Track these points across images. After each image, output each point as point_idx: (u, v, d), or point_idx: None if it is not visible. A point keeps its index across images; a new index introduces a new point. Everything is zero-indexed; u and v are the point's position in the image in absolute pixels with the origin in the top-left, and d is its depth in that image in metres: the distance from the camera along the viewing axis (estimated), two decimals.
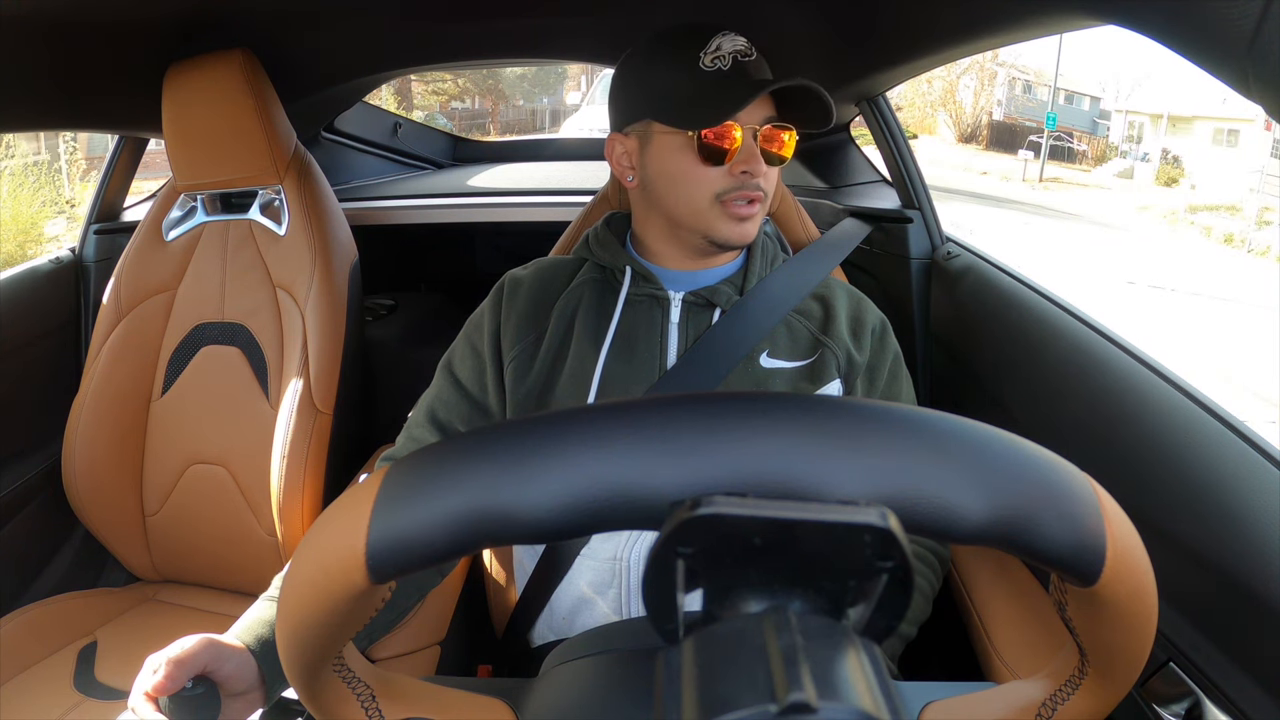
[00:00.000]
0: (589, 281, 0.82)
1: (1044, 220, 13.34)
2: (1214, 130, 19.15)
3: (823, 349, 0.79)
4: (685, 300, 0.79)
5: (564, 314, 0.80)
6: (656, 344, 0.78)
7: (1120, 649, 0.33)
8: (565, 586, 0.76)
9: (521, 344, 0.79)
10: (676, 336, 0.78)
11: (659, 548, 0.24)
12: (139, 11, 1.01)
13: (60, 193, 6.22)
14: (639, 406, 0.28)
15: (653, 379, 0.76)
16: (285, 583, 0.31)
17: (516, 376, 0.78)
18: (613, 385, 0.75)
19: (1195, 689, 0.58)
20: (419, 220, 1.53)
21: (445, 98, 12.22)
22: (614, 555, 0.74)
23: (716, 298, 0.78)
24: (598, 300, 0.80)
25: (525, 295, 0.81)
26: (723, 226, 0.75)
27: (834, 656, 0.23)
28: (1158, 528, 0.62)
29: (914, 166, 1.27)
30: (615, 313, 0.78)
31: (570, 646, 0.46)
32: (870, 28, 1.01)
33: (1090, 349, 0.83)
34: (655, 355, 0.77)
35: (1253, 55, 0.40)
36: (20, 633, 1.08)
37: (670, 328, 0.78)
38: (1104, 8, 0.55)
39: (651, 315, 0.79)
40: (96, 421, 1.18)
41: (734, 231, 0.75)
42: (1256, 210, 12.14)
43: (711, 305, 0.78)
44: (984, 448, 0.28)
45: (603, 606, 0.74)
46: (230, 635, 0.60)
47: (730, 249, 0.79)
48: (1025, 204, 15.41)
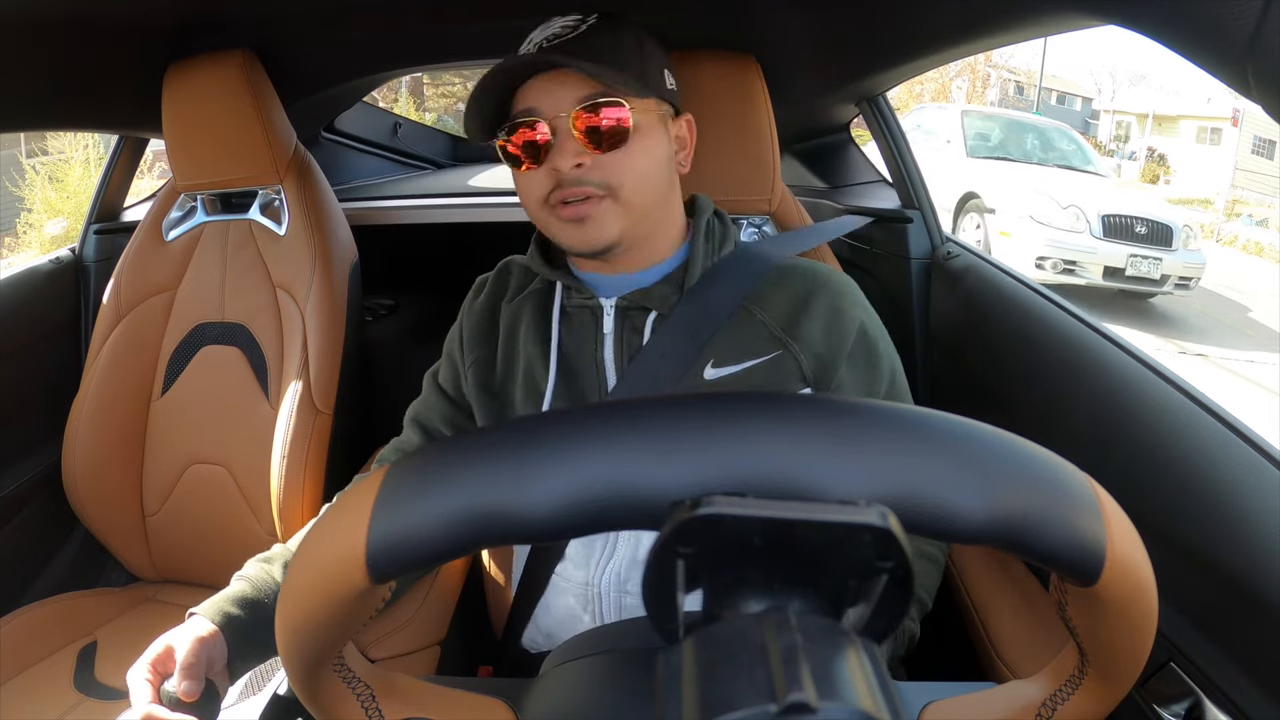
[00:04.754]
0: (531, 294, 0.76)
1: None
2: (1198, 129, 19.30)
3: (782, 350, 0.69)
4: (619, 307, 0.71)
5: (509, 325, 0.76)
6: (592, 361, 0.71)
7: (1120, 649, 0.33)
8: (548, 603, 0.74)
9: (477, 350, 0.77)
10: (611, 350, 0.71)
11: (659, 547, 0.24)
12: (139, 11, 1.01)
13: None
14: (639, 406, 0.28)
15: (595, 399, 0.71)
16: (285, 583, 0.31)
17: (477, 382, 0.76)
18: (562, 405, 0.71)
19: (1195, 689, 0.58)
20: (419, 220, 1.53)
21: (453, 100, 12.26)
22: (585, 580, 0.71)
23: (650, 301, 0.70)
24: (538, 314, 0.75)
25: (482, 302, 0.79)
26: (560, 232, 0.67)
27: (834, 656, 0.23)
28: (1158, 528, 0.62)
29: (914, 166, 1.27)
30: (553, 329, 0.72)
31: (570, 646, 0.46)
32: (870, 28, 1.01)
33: (1090, 349, 0.83)
34: (593, 375, 0.71)
35: (1253, 55, 0.40)
36: (20, 633, 1.08)
37: (604, 339, 0.71)
38: (1104, 8, 0.55)
39: (584, 329, 0.72)
40: (96, 421, 1.18)
41: (572, 236, 0.66)
42: (1226, 203, 12.47)
43: (645, 309, 0.71)
44: (984, 448, 0.28)
45: (584, 625, 0.72)
46: (204, 618, 0.62)
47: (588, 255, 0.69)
48: None
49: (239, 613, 0.63)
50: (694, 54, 0.99)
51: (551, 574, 0.73)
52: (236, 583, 0.67)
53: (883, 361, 0.73)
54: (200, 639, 0.59)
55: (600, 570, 0.71)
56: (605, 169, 0.65)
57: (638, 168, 0.66)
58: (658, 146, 0.68)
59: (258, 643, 0.63)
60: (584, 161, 0.64)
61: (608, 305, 0.72)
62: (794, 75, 1.15)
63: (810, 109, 1.37)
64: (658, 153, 0.68)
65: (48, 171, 5.63)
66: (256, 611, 0.64)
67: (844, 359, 0.70)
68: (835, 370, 0.70)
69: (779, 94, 1.02)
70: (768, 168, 1.00)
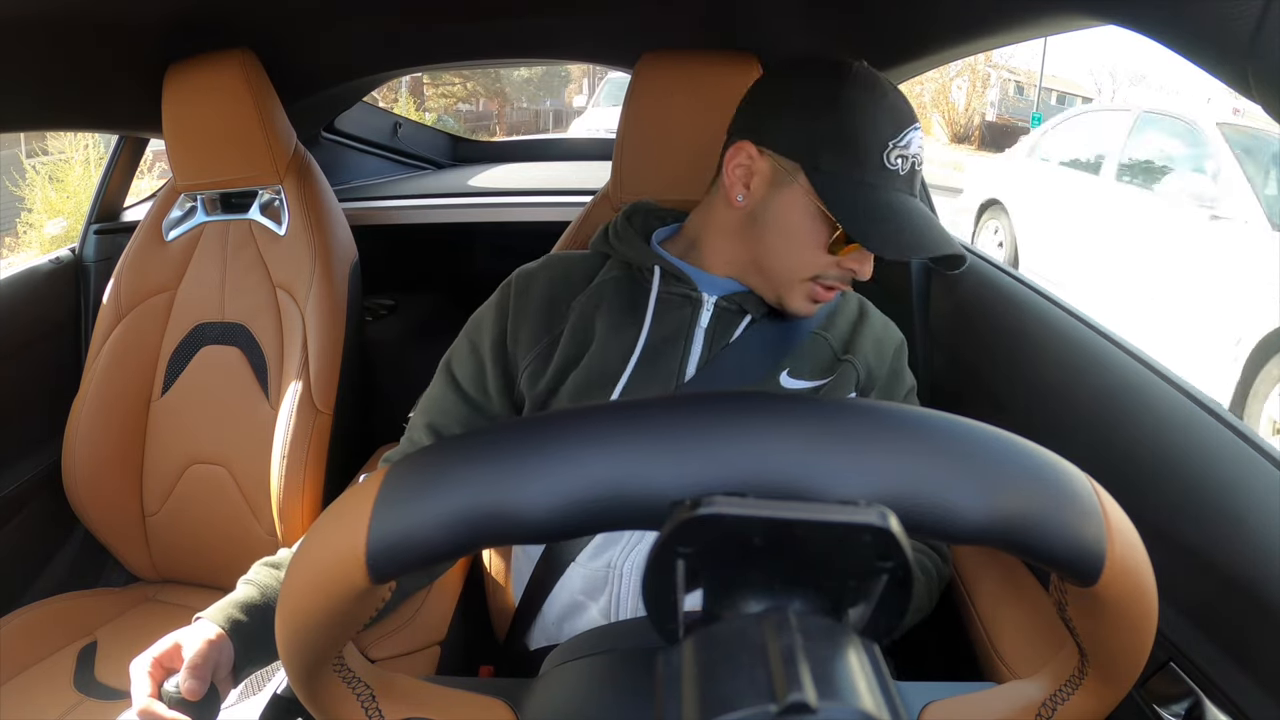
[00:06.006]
0: (612, 280, 0.76)
1: None
2: None
3: (843, 365, 0.75)
4: (718, 304, 0.74)
5: (584, 314, 0.75)
6: (680, 347, 0.73)
7: (1120, 649, 0.33)
8: (557, 592, 0.75)
9: (538, 346, 0.74)
10: (701, 342, 0.73)
11: (659, 547, 0.24)
12: (139, 11, 1.01)
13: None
14: (639, 406, 0.28)
15: (669, 388, 0.72)
16: (285, 582, 0.31)
17: (532, 379, 0.74)
18: (634, 392, 0.71)
19: (1195, 689, 0.58)
20: (419, 220, 1.53)
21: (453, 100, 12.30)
22: (609, 563, 0.72)
23: (749, 304, 0.74)
24: (625, 300, 0.75)
25: (540, 293, 0.76)
26: (797, 301, 0.71)
27: (834, 656, 0.23)
28: (1158, 528, 0.62)
29: None
30: (647, 315, 0.74)
31: (570, 646, 0.46)
32: (870, 28, 1.01)
33: (1090, 349, 0.83)
34: (676, 360, 0.73)
35: (1253, 55, 0.40)
36: (20, 633, 1.08)
37: (698, 332, 0.74)
38: (1104, 7, 0.55)
39: (681, 316, 0.74)
40: (96, 421, 1.18)
41: (804, 308, 0.72)
42: None
43: (743, 312, 0.74)
44: (984, 448, 0.28)
45: (592, 612, 0.73)
46: (210, 622, 0.61)
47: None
48: None
49: (245, 618, 0.63)
50: (694, 54, 0.99)
51: (569, 563, 0.74)
52: (243, 587, 0.66)
53: (905, 377, 0.81)
54: (209, 641, 0.59)
55: (626, 553, 0.72)
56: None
57: None
58: None
59: (263, 648, 0.63)
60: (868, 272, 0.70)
61: (709, 300, 0.74)
62: None
63: None
64: None
65: (48, 171, 5.63)
66: (263, 616, 0.64)
67: (886, 372, 0.78)
68: (876, 383, 0.77)
69: None
70: None
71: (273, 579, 0.67)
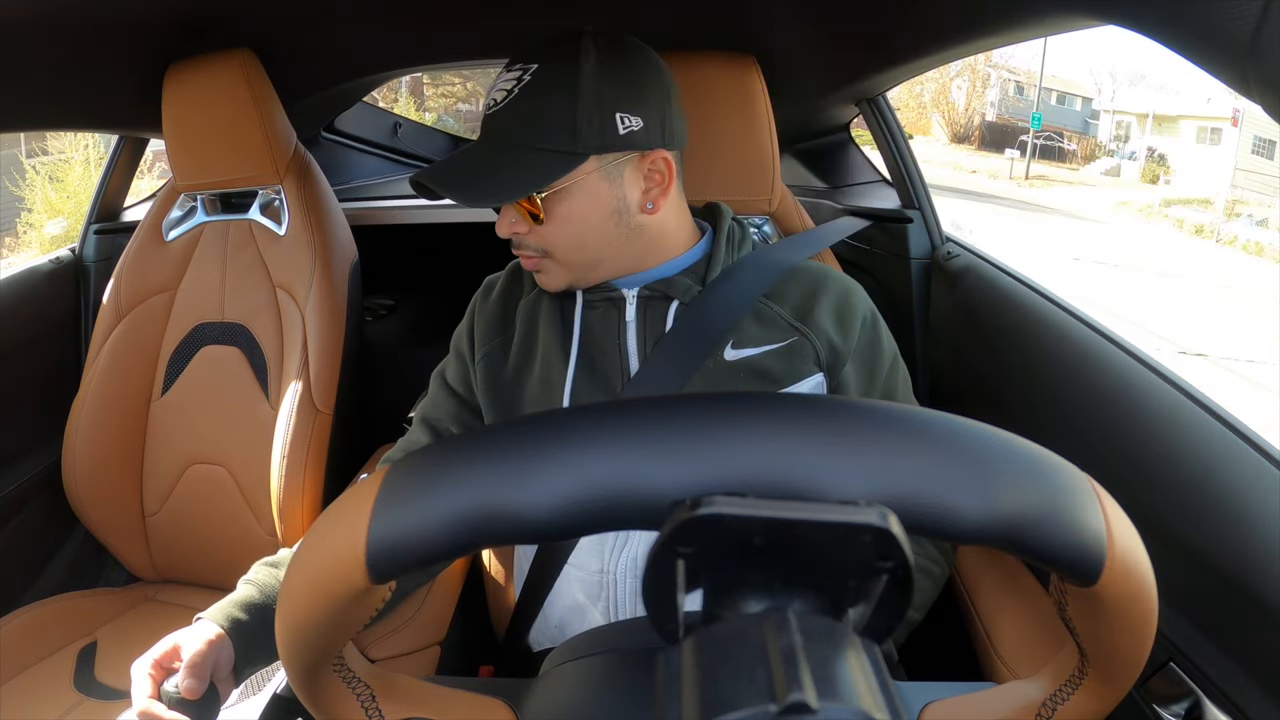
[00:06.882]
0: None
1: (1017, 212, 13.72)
2: (1198, 129, 19.40)
3: (798, 335, 0.73)
4: (640, 296, 0.74)
5: (528, 319, 0.78)
6: (615, 348, 0.74)
7: (1120, 649, 0.33)
8: (556, 596, 0.75)
9: (489, 345, 0.78)
10: (634, 337, 0.74)
11: (659, 547, 0.24)
12: (139, 11, 1.01)
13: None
14: (639, 406, 0.28)
15: (616, 387, 0.73)
16: (285, 582, 0.31)
17: (487, 378, 0.77)
18: (581, 396, 0.73)
19: (1195, 689, 0.58)
20: (419, 220, 1.53)
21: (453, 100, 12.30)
22: (600, 568, 0.72)
23: (673, 290, 0.74)
24: (558, 306, 0.77)
25: (495, 298, 0.81)
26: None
27: (834, 657, 0.23)
28: (1158, 528, 0.62)
29: (914, 167, 1.27)
30: (575, 320, 0.75)
31: (570, 646, 0.46)
32: (870, 28, 1.01)
33: (1090, 349, 0.83)
34: (616, 360, 0.74)
35: (1253, 55, 0.40)
36: (20, 633, 1.08)
37: (627, 327, 0.74)
38: (1104, 8, 0.55)
39: (607, 319, 0.75)
40: (96, 421, 1.18)
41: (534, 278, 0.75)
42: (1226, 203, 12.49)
43: (668, 299, 0.74)
44: (984, 448, 0.28)
45: (594, 615, 0.73)
46: (211, 623, 0.62)
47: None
48: (1006, 199, 15.68)
49: (245, 618, 0.63)
50: (694, 54, 0.99)
51: (564, 565, 0.74)
52: (243, 587, 0.66)
53: (885, 347, 0.77)
54: (209, 641, 0.59)
55: (615, 557, 0.72)
56: (539, 236, 0.70)
57: (568, 235, 0.70)
58: (594, 208, 0.69)
59: (264, 648, 0.63)
60: (519, 230, 0.70)
61: (630, 294, 0.75)
62: (794, 75, 1.15)
63: (810, 109, 1.37)
64: (593, 216, 0.70)
65: (48, 171, 5.64)
66: (263, 617, 0.64)
67: (855, 346, 0.75)
68: (847, 357, 0.74)
69: (779, 94, 1.02)
70: (767, 168, 1.01)
71: (273, 579, 0.68)
